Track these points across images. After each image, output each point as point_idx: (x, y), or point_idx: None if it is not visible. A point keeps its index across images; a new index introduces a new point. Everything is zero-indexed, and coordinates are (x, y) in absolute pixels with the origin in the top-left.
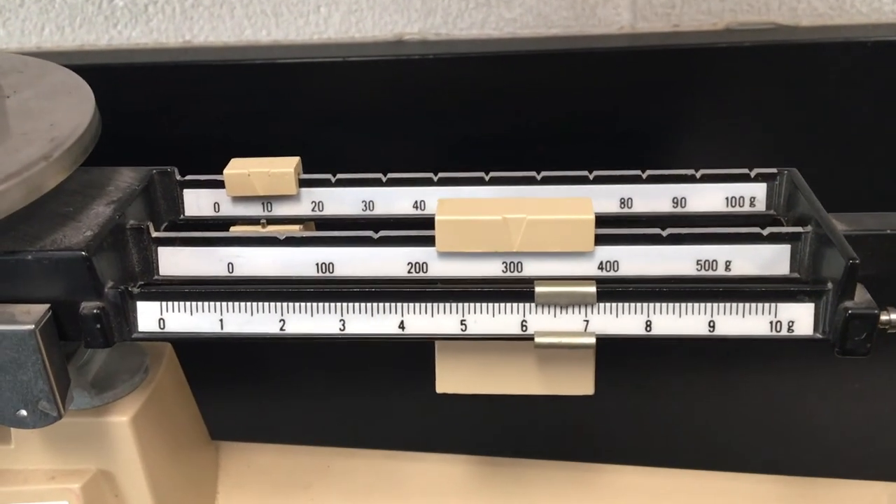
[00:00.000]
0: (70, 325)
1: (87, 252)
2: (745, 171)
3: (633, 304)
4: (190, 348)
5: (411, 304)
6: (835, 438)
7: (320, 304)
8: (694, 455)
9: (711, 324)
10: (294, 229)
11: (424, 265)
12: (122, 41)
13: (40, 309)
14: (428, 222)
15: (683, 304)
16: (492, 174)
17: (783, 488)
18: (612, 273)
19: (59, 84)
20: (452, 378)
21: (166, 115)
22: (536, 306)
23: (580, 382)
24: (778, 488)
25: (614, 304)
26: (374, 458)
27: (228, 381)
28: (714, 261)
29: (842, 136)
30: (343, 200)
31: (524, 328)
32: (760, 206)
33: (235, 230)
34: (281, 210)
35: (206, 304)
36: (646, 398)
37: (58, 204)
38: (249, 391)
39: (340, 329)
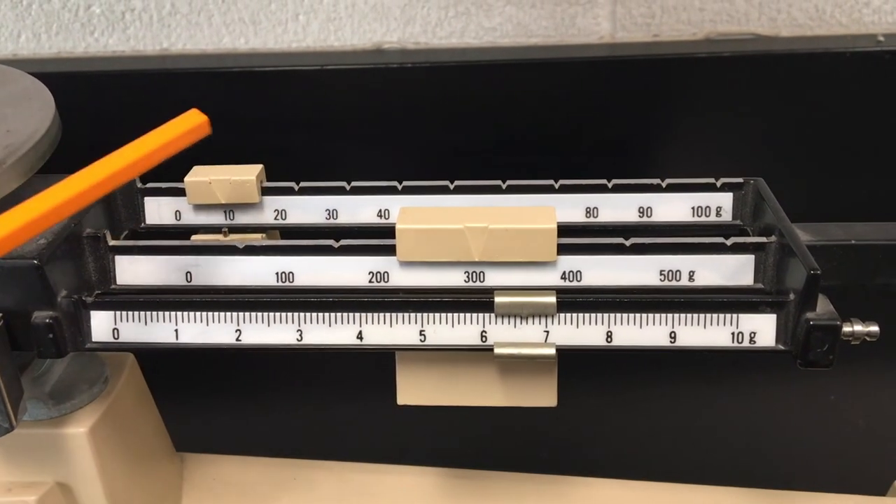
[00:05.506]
0: (22, 335)
1: (39, 261)
2: (711, 180)
3: (593, 315)
4: (154, 358)
5: (369, 314)
6: (810, 451)
7: (277, 314)
8: (667, 467)
9: (672, 335)
10: (256, 238)
11: (386, 274)
12: (98, 49)
13: None
14: (392, 231)
15: (644, 315)
16: (456, 183)
17: (758, 501)
18: (574, 283)
19: (20, 91)
20: (413, 390)
21: (142, 123)
22: (496, 317)
23: (543, 394)
24: (753, 501)
25: (575, 315)
26: (340, 470)
27: (194, 392)
28: (678, 271)
29: (821, 146)
30: (306, 209)
31: (484, 339)
32: (727, 216)
33: (196, 239)
34: (243, 218)
35: (160, 313)
36: (616, 410)
37: None
38: (215, 402)
39: (297, 339)
